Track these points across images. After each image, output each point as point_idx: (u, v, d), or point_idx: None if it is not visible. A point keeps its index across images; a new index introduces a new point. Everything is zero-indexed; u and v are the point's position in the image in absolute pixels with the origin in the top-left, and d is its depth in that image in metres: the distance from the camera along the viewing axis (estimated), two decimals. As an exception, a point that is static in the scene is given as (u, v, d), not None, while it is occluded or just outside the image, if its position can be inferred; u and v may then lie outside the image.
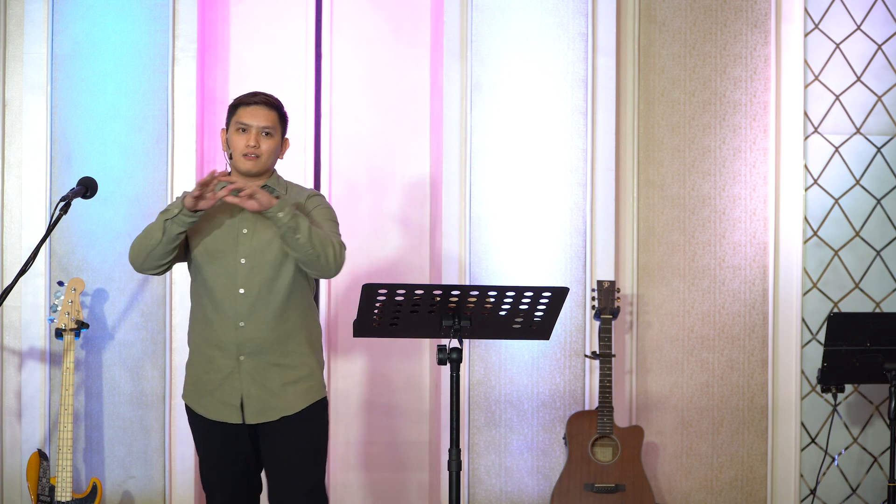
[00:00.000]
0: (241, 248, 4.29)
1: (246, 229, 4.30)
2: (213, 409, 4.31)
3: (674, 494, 5.81)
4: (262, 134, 4.32)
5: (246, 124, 4.32)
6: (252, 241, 4.29)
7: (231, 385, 4.28)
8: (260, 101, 4.35)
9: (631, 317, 5.79)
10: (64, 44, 5.62)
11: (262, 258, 4.28)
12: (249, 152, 4.30)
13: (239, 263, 4.27)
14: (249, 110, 4.33)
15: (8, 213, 5.66)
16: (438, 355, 3.80)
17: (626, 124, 5.82)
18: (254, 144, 4.30)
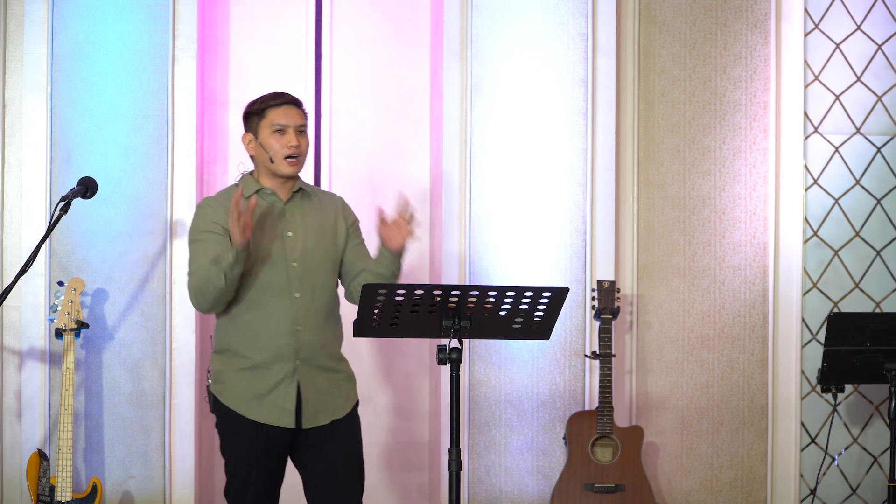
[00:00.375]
0: (291, 252, 4.27)
1: (290, 233, 4.29)
2: (265, 412, 4.24)
3: (674, 494, 5.81)
4: (298, 133, 4.30)
5: (283, 125, 4.28)
6: (299, 245, 4.28)
7: (286, 390, 4.23)
8: (289, 100, 4.32)
9: (631, 317, 5.79)
10: (64, 44, 5.62)
11: (312, 261, 4.28)
12: (293, 153, 4.27)
13: (291, 267, 4.25)
14: (282, 111, 4.29)
15: (8, 213, 5.66)
16: (438, 355, 3.80)
17: (626, 124, 5.82)
18: (296, 144, 4.27)
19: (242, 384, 4.26)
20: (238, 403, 4.26)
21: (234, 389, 4.27)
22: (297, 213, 4.35)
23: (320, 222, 4.37)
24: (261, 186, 4.34)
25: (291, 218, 4.30)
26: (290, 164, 4.28)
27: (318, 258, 4.29)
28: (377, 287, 3.75)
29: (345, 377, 4.39)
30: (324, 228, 4.37)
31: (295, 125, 4.28)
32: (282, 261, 4.24)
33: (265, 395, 4.23)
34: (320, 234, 4.34)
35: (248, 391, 4.25)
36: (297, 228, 4.29)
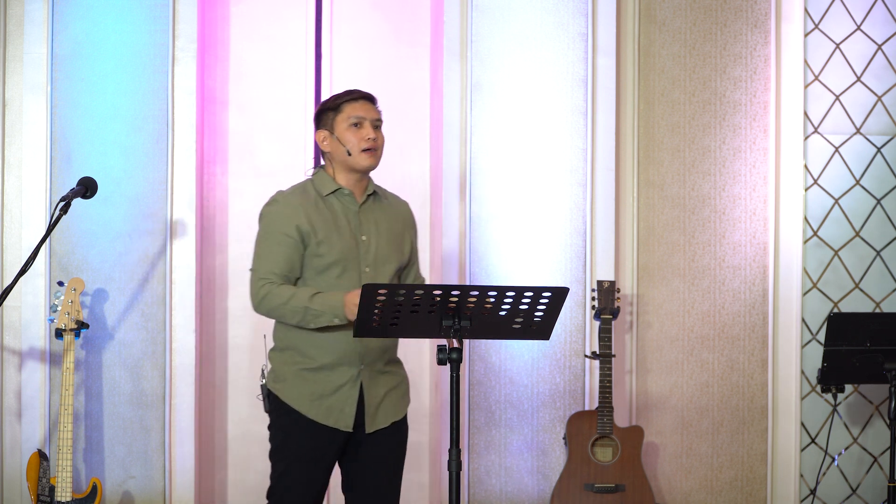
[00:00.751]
0: (365, 256, 4.25)
1: (365, 237, 4.27)
2: (324, 413, 4.22)
3: (674, 494, 5.81)
4: (374, 126, 4.28)
5: (360, 117, 4.26)
6: (373, 250, 4.26)
7: (348, 393, 4.21)
8: (365, 96, 4.30)
9: (631, 317, 5.79)
10: (64, 44, 5.62)
11: (383, 267, 4.28)
12: (371, 145, 4.24)
13: (364, 272, 4.23)
14: (358, 105, 4.28)
15: (8, 213, 5.66)
16: (438, 355, 3.79)
17: (626, 124, 5.82)
18: (373, 136, 4.25)
19: (305, 383, 4.23)
20: (299, 402, 4.22)
21: (296, 388, 4.23)
22: (370, 217, 4.31)
23: (392, 229, 4.34)
24: (338, 186, 4.29)
25: (366, 222, 4.27)
26: (368, 157, 4.24)
27: (389, 265, 4.28)
28: (377, 287, 3.75)
29: (402, 380, 4.38)
30: (395, 236, 4.34)
31: (371, 119, 4.26)
32: (355, 265, 4.22)
33: (327, 396, 4.21)
34: (392, 242, 4.31)
35: (311, 391, 4.22)
36: (370, 233, 4.27)
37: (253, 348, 5.79)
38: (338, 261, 4.20)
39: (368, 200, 4.34)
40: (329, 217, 4.25)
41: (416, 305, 3.75)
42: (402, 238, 4.37)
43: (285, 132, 5.84)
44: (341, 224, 4.24)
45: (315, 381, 4.22)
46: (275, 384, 4.28)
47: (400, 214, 4.41)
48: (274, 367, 4.31)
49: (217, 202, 5.79)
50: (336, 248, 4.21)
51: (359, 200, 4.31)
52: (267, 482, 5.31)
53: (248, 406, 5.78)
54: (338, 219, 4.25)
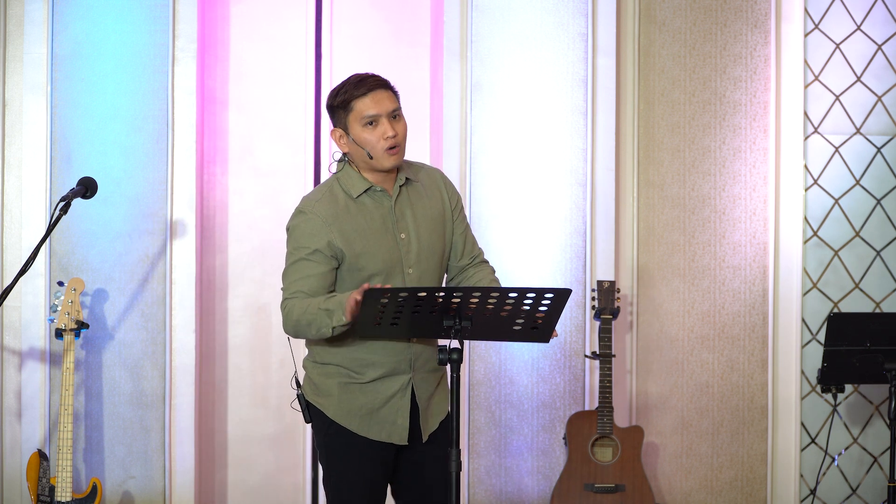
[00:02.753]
0: (406, 257, 3.92)
1: (403, 234, 3.94)
2: (376, 429, 3.95)
3: (674, 494, 5.81)
4: (392, 119, 3.90)
5: (374, 115, 3.87)
6: (413, 248, 3.94)
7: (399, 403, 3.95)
8: (374, 85, 3.89)
9: (631, 317, 5.79)
10: (64, 44, 5.62)
11: (427, 264, 3.97)
12: (391, 143, 3.87)
13: (407, 275, 3.94)
14: (369, 99, 3.88)
15: (8, 213, 5.66)
16: (439, 356, 3.77)
17: (626, 124, 5.82)
18: (393, 133, 3.88)
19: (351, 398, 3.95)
20: (349, 419, 3.95)
21: (344, 404, 3.95)
22: (405, 208, 3.96)
23: (429, 214, 3.98)
24: (369, 184, 3.92)
25: (402, 216, 3.93)
26: (392, 156, 3.87)
27: (433, 258, 3.96)
28: (381, 292, 3.72)
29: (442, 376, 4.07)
30: (434, 220, 3.99)
31: (387, 112, 3.89)
32: (398, 270, 3.92)
33: (377, 409, 3.94)
34: (431, 230, 3.97)
35: (360, 405, 3.94)
36: (408, 228, 3.93)
37: (253, 348, 5.79)
38: (380, 270, 3.90)
39: (401, 191, 3.98)
40: (364, 223, 3.90)
41: (417, 306, 3.73)
42: (441, 220, 4.02)
43: (285, 132, 5.84)
44: (378, 228, 3.91)
45: (364, 395, 3.94)
46: (317, 398, 3.98)
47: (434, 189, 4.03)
48: (314, 380, 3.99)
49: (217, 202, 5.79)
50: (377, 258, 3.90)
51: (392, 195, 3.95)
52: (267, 482, 5.33)
53: (249, 406, 5.78)
54: (373, 223, 3.91)
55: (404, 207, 3.98)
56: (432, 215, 4.02)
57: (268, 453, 5.78)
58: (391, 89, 3.95)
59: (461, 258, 4.10)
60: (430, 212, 4.02)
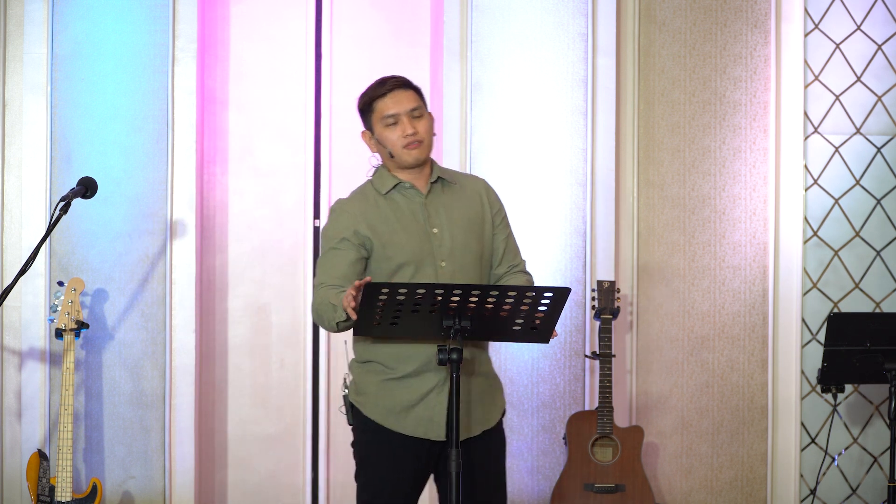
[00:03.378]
0: (438, 251, 3.97)
1: (436, 229, 3.98)
2: (412, 425, 3.96)
3: (674, 494, 5.81)
4: (412, 117, 3.96)
5: (393, 114, 3.97)
6: (447, 242, 3.98)
7: (436, 399, 3.95)
8: (393, 85, 3.99)
9: (631, 317, 5.79)
10: (64, 44, 5.62)
11: (462, 259, 3.99)
12: (410, 140, 3.96)
13: (440, 267, 3.97)
14: (388, 99, 3.98)
15: (8, 213, 5.66)
16: (439, 355, 3.77)
17: (626, 124, 5.82)
18: (412, 131, 3.96)
19: (388, 395, 3.98)
20: (384, 416, 3.98)
21: (379, 400, 3.98)
22: (439, 206, 4.02)
23: (467, 214, 4.03)
24: (398, 180, 4.01)
25: (435, 212, 3.98)
26: (411, 151, 3.96)
27: (469, 255, 3.99)
28: (380, 286, 3.73)
29: (495, 383, 4.11)
30: (471, 221, 4.03)
31: (406, 111, 3.97)
32: (430, 262, 3.96)
33: (413, 405, 3.96)
34: (468, 229, 4.01)
35: (395, 402, 3.97)
36: (442, 224, 3.97)
37: (253, 348, 5.79)
38: (409, 260, 3.95)
39: (434, 189, 4.03)
40: (392, 216, 3.97)
41: (417, 305, 3.73)
42: (480, 222, 4.05)
43: (285, 132, 5.84)
44: (407, 220, 3.98)
45: (400, 392, 3.97)
46: (357, 397, 4.03)
47: (474, 195, 4.07)
48: (355, 379, 4.05)
49: (217, 202, 5.79)
50: (405, 248, 3.95)
51: (423, 191, 4.02)
52: (267, 482, 5.33)
53: (249, 406, 5.78)
54: (403, 215, 3.99)
55: (438, 205, 4.03)
56: (469, 216, 4.05)
57: (268, 453, 5.78)
58: (412, 88, 4.03)
59: (499, 265, 4.13)
60: (468, 213, 4.05)
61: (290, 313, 5.79)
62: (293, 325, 5.79)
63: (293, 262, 5.80)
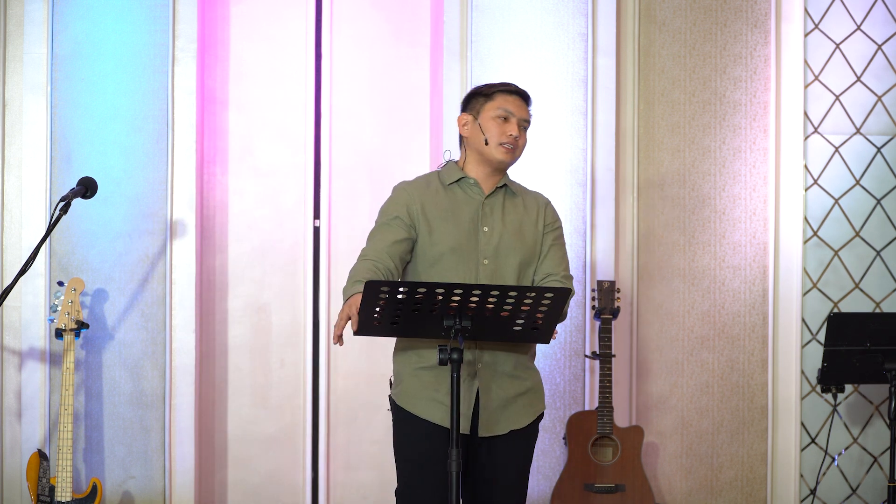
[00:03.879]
0: (484, 247, 4.08)
1: (487, 228, 4.10)
2: (440, 414, 4.05)
3: (674, 494, 5.81)
4: (522, 127, 4.15)
5: (509, 111, 4.13)
6: (494, 241, 4.09)
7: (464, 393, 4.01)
8: (521, 92, 4.18)
9: (631, 317, 5.79)
10: (64, 44, 5.62)
11: (505, 259, 4.09)
12: (509, 142, 4.10)
13: (482, 264, 4.08)
14: (512, 99, 4.16)
15: (8, 213, 5.66)
16: (439, 355, 3.77)
17: (626, 124, 5.82)
18: (516, 135, 4.11)
19: (419, 384, 4.08)
20: (414, 404, 4.08)
21: (410, 389, 4.09)
22: (497, 208, 4.14)
23: (520, 221, 4.16)
24: (463, 175, 4.14)
25: (490, 213, 4.11)
26: (504, 152, 4.10)
27: (512, 257, 4.08)
28: (380, 284, 3.73)
29: (531, 386, 4.14)
30: (523, 228, 4.15)
31: (520, 117, 4.14)
32: (473, 256, 4.06)
33: (442, 395, 4.05)
34: (518, 234, 4.12)
35: (425, 391, 4.07)
36: (494, 224, 4.10)
37: (253, 348, 5.79)
38: (452, 250, 4.06)
39: (497, 193, 4.17)
40: (448, 206, 4.09)
41: (417, 304, 3.73)
42: (533, 230, 4.16)
43: (285, 132, 5.84)
44: (461, 213, 4.09)
45: (430, 380, 4.07)
46: (394, 388, 4.14)
47: (534, 208, 4.20)
48: (394, 369, 4.17)
49: (217, 202, 5.79)
50: (450, 237, 4.07)
51: (486, 192, 4.15)
52: (267, 482, 5.33)
53: (249, 406, 5.78)
54: (458, 208, 4.10)
55: (495, 206, 4.15)
56: (522, 222, 4.16)
57: (268, 453, 5.78)
58: (530, 102, 4.22)
59: (538, 274, 4.18)
60: (522, 219, 4.17)
61: (290, 313, 5.79)
62: (293, 325, 5.79)
63: (293, 262, 5.81)
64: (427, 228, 4.08)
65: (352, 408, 5.81)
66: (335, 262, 5.77)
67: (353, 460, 5.80)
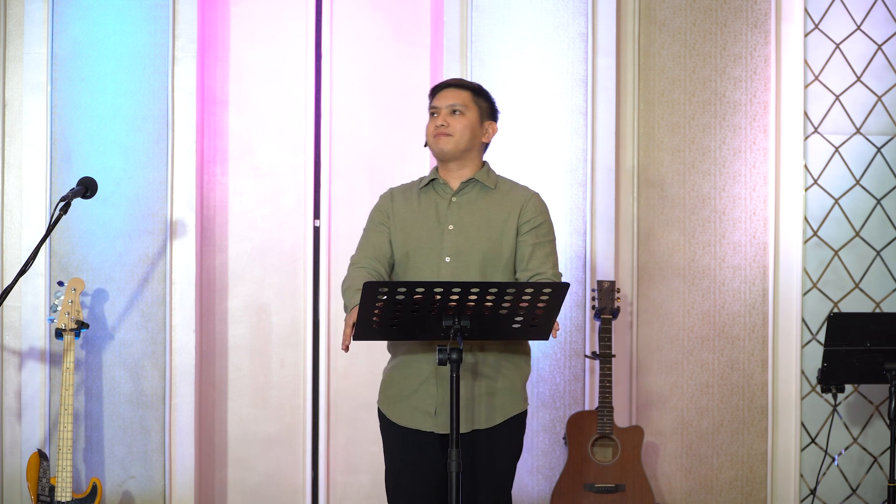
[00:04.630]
0: (447, 246, 4.14)
1: (452, 226, 4.16)
2: (407, 416, 4.12)
3: (674, 494, 5.81)
4: (451, 113, 4.21)
5: (435, 107, 4.23)
6: (457, 238, 4.14)
7: (428, 391, 4.09)
8: (447, 84, 4.28)
9: (631, 317, 5.79)
10: (64, 44, 5.62)
11: (467, 257, 4.12)
12: (439, 132, 4.19)
13: (444, 262, 4.13)
14: (439, 95, 4.25)
15: (8, 213, 5.66)
16: (438, 356, 3.77)
17: (626, 124, 5.82)
18: (442, 123, 4.19)
19: (391, 385, 4.17)
20: (387, 406, 4.17)
21: (385, 390, 4.18)
22: (466, 205, 4.20)
23: (490, 216, 4.20)
24: (434, 176, 4.25)
25: (458, 210, 4.18)
26: (437, 141, 4.19)
27: (476, 254, 4.12)
28: (378, 285, 3.73)
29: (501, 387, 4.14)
30: (490, 222, 4.18)
31: (446, 105, 4.21)
32: (435, 254, 4.13)
33: (408, 396, 4.11)
34: (483, 228, 4.16)
35: (394, 392, 4.15)
36: (460, 222, 4.16)
37: (253, 348, 5.79)
38: (415, 250, 4.14)
39: (467, 189, 4.23)
40: (417, 207, 4.19)
41: (416, 305, 3.73)
42: (501, 226, 4.18)
43: (285, 132, 5.84)
44: (427, 213, 4.18)
45: (399, 381, 4.14)
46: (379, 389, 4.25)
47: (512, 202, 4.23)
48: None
49: (217, 202, 5.79)
50: (413, 238, 4.16)
51: (453, 188, 4.23)
52: (267, 482, 5.33)
53: (249, 406, 5.78)
54: (426, 208, 4.19)
55: (464, 203, 4.20)
56: (492, 217, 4.19)
57: (268, 453, 5.78)
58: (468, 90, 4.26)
59: (523, 271, 4.18)
60: (493, 214, 4.19)
61: (290, 313, 5.79)
62: (293, 325, 5.79)
63: (293, 262, 5.80)
64: (395, 229, 4.19)
65: (352, 408, 5.81)
66: (335, 262, 5.77)
67: (352, 460, 5.80)
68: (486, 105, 4.28)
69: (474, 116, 4.24)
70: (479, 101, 4.26)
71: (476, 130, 4.25)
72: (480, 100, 4.26)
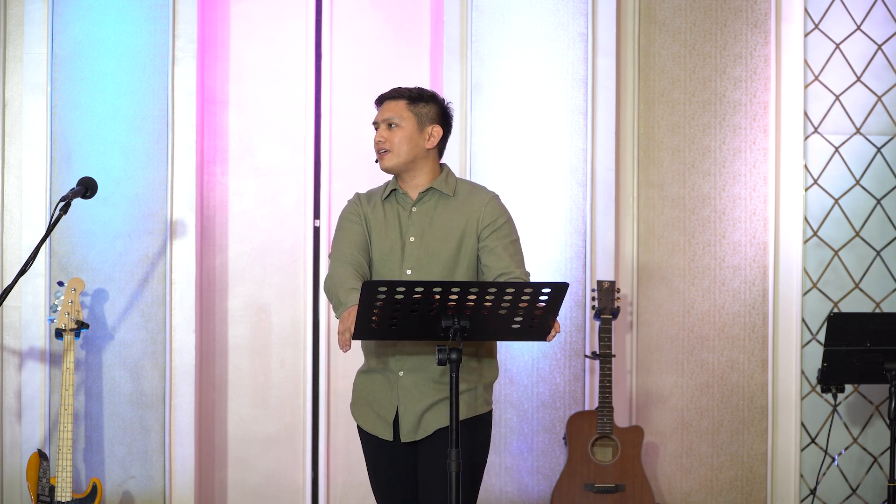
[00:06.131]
0: (408, 258, 4.08)
1: (413, 237, 4.10)
2: (371, 422, 4.12)
3: (674, 494, 5.81)
4: (388, 127, 4.10)
5: (375, 123, 4.15)
6: (418, 251, 4.08)
7: (388, 399, 4.09)
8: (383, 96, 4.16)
9: (631, 317, 5.79)
10: (64, 44, 5.62)
11: (429, 268, 4.07)
12: (378, 148, 4.12)
13: (405, 275, 4.07)
14: (379, 109, 4.16)
15: (8, 213, 5.66)
16: (438, 356, 3.77)
17: (626, 124, 5.82)
18: (379, 139, 4.11)
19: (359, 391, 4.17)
20: (355, 411, 4.18)
21: (354, 394, 4.19)
22: (425, 215, 4.13)
23: (449, 224, 4.12)
24: (394, 187, 4.16)
25: (417, 222, 4.11)
26: (380, 159, 4.13)
27: (436, 265, 4.08)
28: (377, 284, 3.73)
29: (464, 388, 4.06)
30: (449, 231, 4.11)
31: (382, 120, 4.12)
32: (397, 267, 4.08)
33: (371, 403, 4.13)
34: (443, 238, 4.10)
35: (361, 397, 4.16)
36: (420, 233, 4.09)
37: (253, 348, 5.79)
38: (380, 262, 4.10)
39: (426, 199, 4.15)
40: (381, 217, 4.14)
41: (415, 305, 3.73)
42: (460, 233, 4.10)
43: (285, 132, 5.84)
44: (390, 225, 4.13)
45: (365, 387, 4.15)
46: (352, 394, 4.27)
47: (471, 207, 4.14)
48: None
49: (217, 202, 5.79)
50: (376, 248, 4.11)
51: (413, 198, 4.15)
52: (267, 482, 5.33)
53: (249, 406, 5.78)
54: (388, 220, 4.14)
55: (423, 213, 4.13)
56: (451, 225, 4.12)
57: (268, 453, 5.78)
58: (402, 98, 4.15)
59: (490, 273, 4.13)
60: (452, 222, 4.12)
61: (290, 313, 5.79)
62: (293, 325, 5.79)
63: (293, 262, 5.81)
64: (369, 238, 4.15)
65: (352, 408, 5.81)
66: (335, 262, 5.77)
67: (352, 460, 5.80)
68: (426, 110, 4.14)
69: (411, 126, 4.12)
70: (416, 108, 4.12)
71: (416, 140, 4.13)
72: (419, 106, 4.13)
